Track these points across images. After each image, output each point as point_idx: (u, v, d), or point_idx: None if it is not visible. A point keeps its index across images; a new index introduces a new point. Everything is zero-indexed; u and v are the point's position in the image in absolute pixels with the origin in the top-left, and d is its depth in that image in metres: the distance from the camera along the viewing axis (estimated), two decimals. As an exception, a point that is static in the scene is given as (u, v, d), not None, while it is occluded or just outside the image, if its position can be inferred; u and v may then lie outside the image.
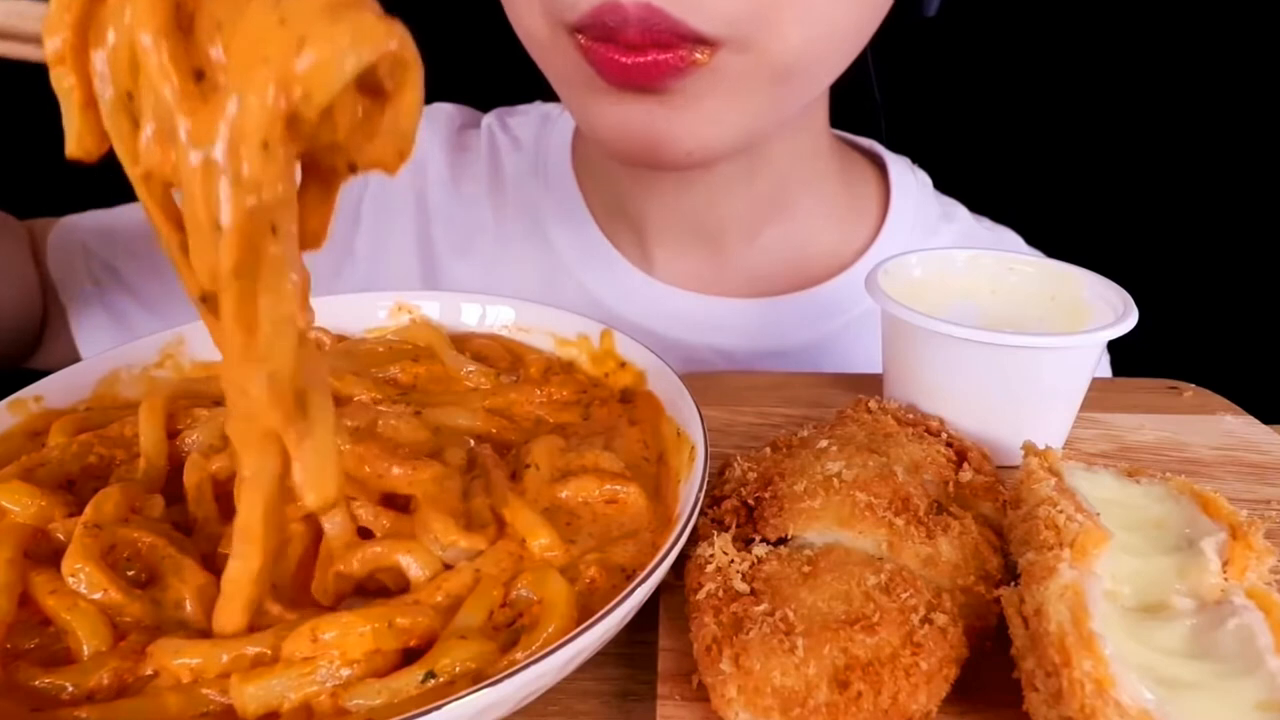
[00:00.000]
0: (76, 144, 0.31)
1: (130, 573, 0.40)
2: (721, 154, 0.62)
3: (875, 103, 0.87)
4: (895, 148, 0.87)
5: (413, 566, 0.39)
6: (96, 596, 0.37)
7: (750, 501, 0.44)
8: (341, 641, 0.34)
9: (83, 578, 0.37)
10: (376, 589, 0.40)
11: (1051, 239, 0.81)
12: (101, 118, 0.30)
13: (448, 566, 0.40)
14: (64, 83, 0.30)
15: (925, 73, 1.09)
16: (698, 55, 0.54)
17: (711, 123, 0.58)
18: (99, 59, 0.29)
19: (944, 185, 0.87)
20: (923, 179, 0.85)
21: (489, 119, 0.88)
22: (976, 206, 0.88)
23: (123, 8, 0.28)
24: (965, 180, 0.88)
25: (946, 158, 0.88)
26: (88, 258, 0.80)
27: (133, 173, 0.30)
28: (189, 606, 0.38)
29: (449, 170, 0.84)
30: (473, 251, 0.82)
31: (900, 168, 0.84)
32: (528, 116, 0.87)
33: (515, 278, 0.80)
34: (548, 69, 0.64)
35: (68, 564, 0.38)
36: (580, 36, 0.56)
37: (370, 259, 0.82)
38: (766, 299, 0.78)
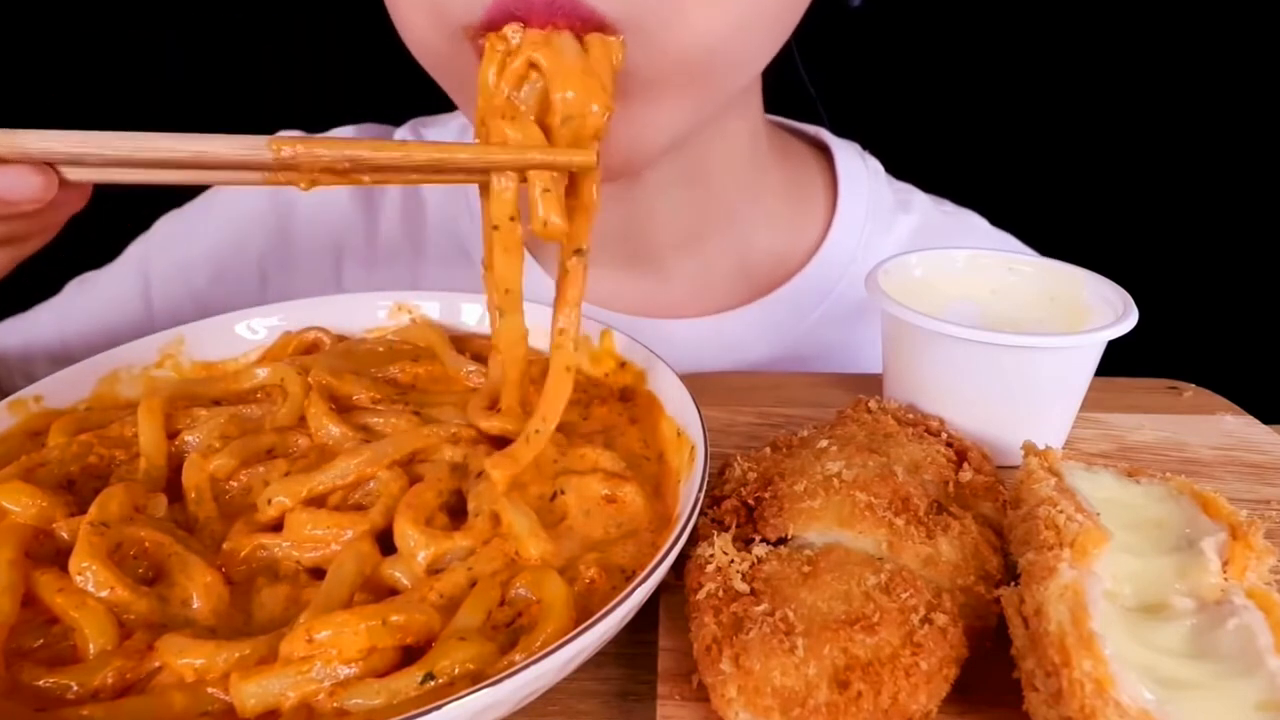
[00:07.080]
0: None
1: (139, 570, 0.40)
2: (644, 164, 0.58)
3: (811, 96, 0.80)
4: (844, 132, 0.79)
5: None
6: (104, 594, 0.37)
7: (750, 501, 0.44)
8: (337, 640, 0.34)
9: (90, 576, 0.37)
10: (388, 592, 0.40)
11: (1034, 230, 0.78)
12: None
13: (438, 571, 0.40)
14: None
15: (885, 53, 1.03)
16: None
17: (629, 128, 0.53)
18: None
19: (910, 171, 0.80)
20: (874, 166, 0.78)
21: (402, 132, 0.80)
22: (945, 193, 0.82)
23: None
24: (934, 167, 0.82)
25: (908, 141, 0.81)
26: (9, 372, 0.75)
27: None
28: (196, 603, 0.38)
29: (362, 197, 0.78)
30: (388, 276, 0.76)
31: (848, 155, 0.77)
32: (446, 127, 0.79)
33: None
34: (447, 82, 0.58)
35: (75, 562, 0.38)
36: (483, 41, 0.49)
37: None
38: (713, 316, 0.72)
